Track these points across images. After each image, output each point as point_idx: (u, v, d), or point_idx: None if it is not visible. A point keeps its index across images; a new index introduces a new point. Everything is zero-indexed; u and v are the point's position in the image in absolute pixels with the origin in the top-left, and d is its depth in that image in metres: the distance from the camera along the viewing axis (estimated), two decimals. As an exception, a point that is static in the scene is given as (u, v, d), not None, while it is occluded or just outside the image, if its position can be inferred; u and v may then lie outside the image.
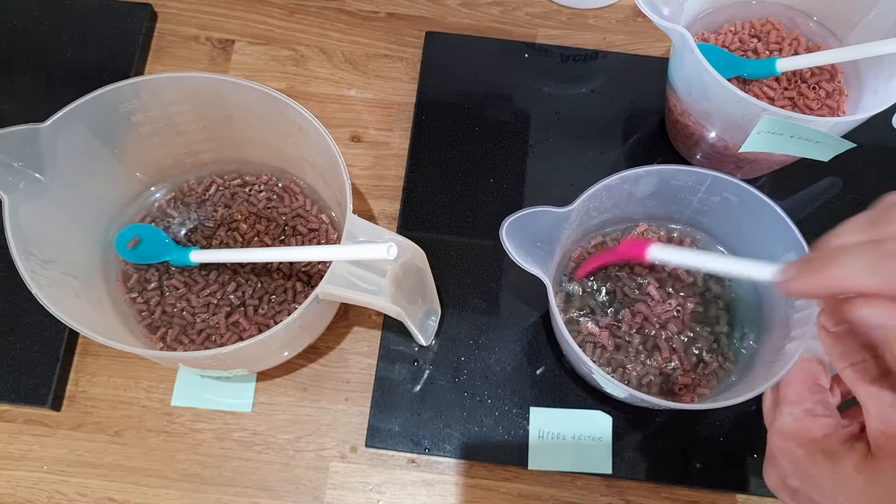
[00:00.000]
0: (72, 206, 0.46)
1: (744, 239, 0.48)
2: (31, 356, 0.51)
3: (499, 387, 0.51)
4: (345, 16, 0.63)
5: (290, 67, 0.61)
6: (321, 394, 0.52)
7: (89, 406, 0.51)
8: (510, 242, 0.41)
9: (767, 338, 0.46)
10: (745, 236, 0.48)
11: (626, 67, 0.61)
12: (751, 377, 0.44)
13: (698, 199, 0.47)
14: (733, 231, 0.49)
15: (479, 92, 0.60)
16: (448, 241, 0.55)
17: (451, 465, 0.50)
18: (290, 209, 0.53)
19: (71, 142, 0.44)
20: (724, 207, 0.47)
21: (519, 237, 0.42)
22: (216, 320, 0.50)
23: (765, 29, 0.57)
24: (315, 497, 0.50)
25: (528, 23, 0.63)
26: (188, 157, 0.53)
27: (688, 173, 0.45)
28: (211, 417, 0.51)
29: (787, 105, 0.54)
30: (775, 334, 0.45)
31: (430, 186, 0.56)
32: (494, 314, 0.53)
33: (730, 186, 0.45)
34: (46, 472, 0.50)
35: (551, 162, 0.57)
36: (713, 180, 0.45)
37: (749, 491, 0.49)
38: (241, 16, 0.63)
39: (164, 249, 0.51)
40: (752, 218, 0.45)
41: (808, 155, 0.47)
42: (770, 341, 0.46)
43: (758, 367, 0.45)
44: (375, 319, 0.54)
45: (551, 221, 0.43)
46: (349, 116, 0.60)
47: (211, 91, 0.46)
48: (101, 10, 0.61)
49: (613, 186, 0.45)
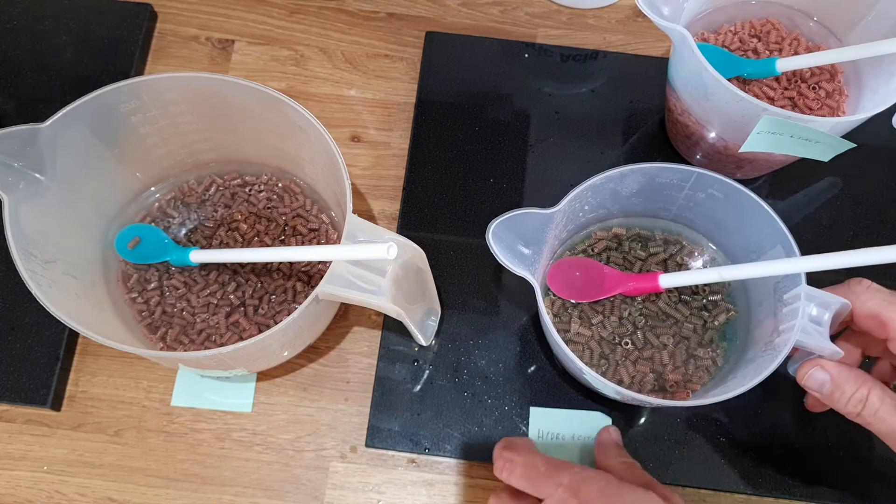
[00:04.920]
0: (72, 206, 0.46)
1: (731, 234, 0.49)
2: (31, 356, 0.51)
3: (499, 387, 0.51)
4: (345, 16, 0.63)
5: (290, 67, 0.61)
6: (321, 394, 0.52)
7: (89, 406, 0.51)
8: (497, 245, 0.42)
9: (758, 332, 0.47)
10: (732, 232, 0.48)
11: (626, 67, 0.61)
12: (742, 372, 0.45)
13: (684, 195, 0.48)
14: (720, 227, 0.49)
15: (479, 92, 0.60)
16: (448, 241, 0.55)
17: (451, 465, 0.50)
18: (290, 209, 0.53)
19: (71, 142, 0.44)
20: (711, 204, 0.47)
21: (506, 239, 0.42)
22: (216, 320, 0.50)
23: (765, 29, 0.56)
24: (315, 497, 0.50)
25: (528, 23, 0.63)
26: (188, 157, 0.53)
27: (672, 170, 0.45)
28: (211, 417, 0.51)
29: (787, 105, 0.54)
30: (764, 328, 0.45)
31: (429, 186, 0.56)
32: (494, 314, 0.53)
33: (715, 183, 0.45)
34: (46, 472, 0.50)
35: (551, 162, 0.57)
36: (698, 177, 0.45)
37: (749, 490, 0.49)
38: (241, 16, 0.63)
39: (164, 249, 0.51)
40: (739, 214, 0.45)
41: (808, 155, 0.47)
42: (760, 335, 0.46)
43: (748, 362, 0.45)
44: (375, 319, 0.54)
45: (537, 223, 0.43)
46: (349, 116, 0.60)
47: (211, 91, 0.46)
48: (101, 10, 0.61)
49: (598, 186, 0.45)
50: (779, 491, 0.49)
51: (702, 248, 0.51)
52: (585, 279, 0.49)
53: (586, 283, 0.49)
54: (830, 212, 0.56)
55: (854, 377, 0.39)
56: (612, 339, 0.49)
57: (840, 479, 0.49)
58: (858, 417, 0.39)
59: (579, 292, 0.49)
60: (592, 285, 0.48)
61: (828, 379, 0.39)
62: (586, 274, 0.49)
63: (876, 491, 0.49)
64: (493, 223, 0.42)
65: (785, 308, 0.42)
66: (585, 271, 0.49)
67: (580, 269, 0.49)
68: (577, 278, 0.49)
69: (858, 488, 0.49)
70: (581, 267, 0.49)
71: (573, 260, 0.50)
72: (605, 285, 0.48)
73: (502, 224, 0.42)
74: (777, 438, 0.50)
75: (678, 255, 0.51)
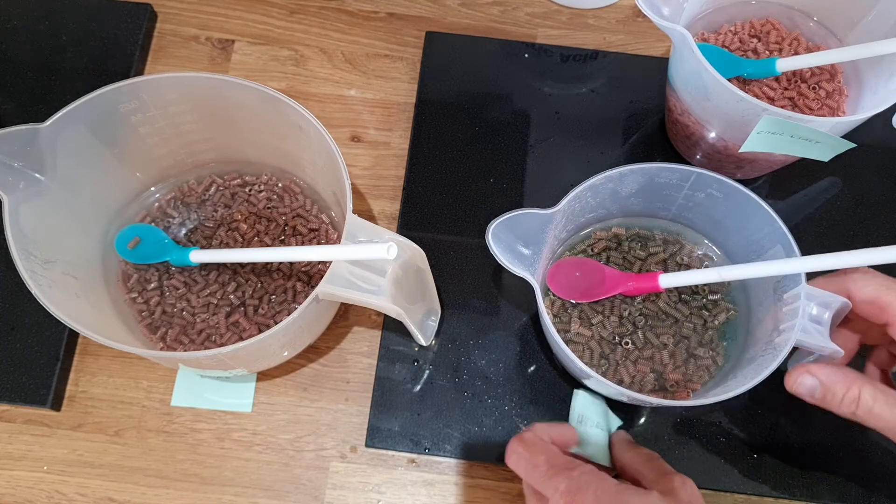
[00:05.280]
0: (72, 206, 0.46)
1: (730, 234, 0.49)
2: (31, 356, 0.51)
3: (499, 387, 0.51)
4: (345, 16, 0.63)
5: (290, 67, 0.61)
6: (321, 394, 0.52)
7: (89, 406, 0.51)
8: (496, 245, 0.42)
9: (758, 331, 0.47)
10: (731, 231, 0.48)
11: (626, 67, 0.61)
12: (743, 371, 0.45)
13: (683, 195, 0.48)
14: (720, 226, 0.49)
15: (479, 92, 0.60)
16: (448, 241, 0.55)
17: (451, 465, 0.50)
18: (290, 209, 0.53)
19: (71, 142, 0.44)
20: (710, 203, 0.47)
21: (506, 240, 0.42)
22: (216, 320, 0.50)
23: (765, 29, 0.56)
24: (315, 497, 0.50)
25: (528, 23, 0.63)
26: (188, 157, 0.53)
27: (671, 170, 0.45)
28: (211, 417, 0.51)
29: (787, 105, 0.54)
30: (765, 327, 0.45)
31: (430, 186, 0.56)
32: (494, 314, 0.53)
33: (714, 182, 0.45)
34: (46, 472, 0.50)
35: (551, 162, 0.57)
36: (697, 176, 0.45)
37: (749, 490, 0.49)
38: (241, 16, 0.63)
39: (164, 249, 0.51)
40: (738, 213, 0.45)
41: (808, 155, 0.47)
42: (760, 335, 0.46)
43: (749, 361, 0.45)
44: (375, 319, 0.54)
45: (537, 223, 0.43)
46: (349, 116, 0.60)
47: (211, 91, 0.46)
48: (101, 10, 0.61)
49: (598, 186, 0.45)
50: (779, 491, 0.49)
51: (701, 247, 0.51)
52: (585, 279, 0.49)
53: (586, 284, 0.49)
54: (830, 212, 0.56)
55: (843, 378, 0.38)
56: (613, 339, 0.49)
57: (840, 478, 0.49)
58: (854, 416, 0.39)
59: (579, 292, 0.49)
60: (592, 285, 0.48)
61: (817, 384, 0.39)
62: (586, 274, 0.49)
63: (876, 490, 0.49)
64: (492, 224, 0.42)
65: (785, 307, 0.42)
66: (585, 271, 0.49)
67: (580, 269, 0.49)
68: (577, 278, 0.49)
69: (858, 488, 0.49)
70: (581, 267, 0.49)
71: (573, 260, 0.50)
72: (605, 285, 0.48)
73: (502, 224, 0.42)
74: (777, 438, 0.50)
75: (678, 255, 0.51)
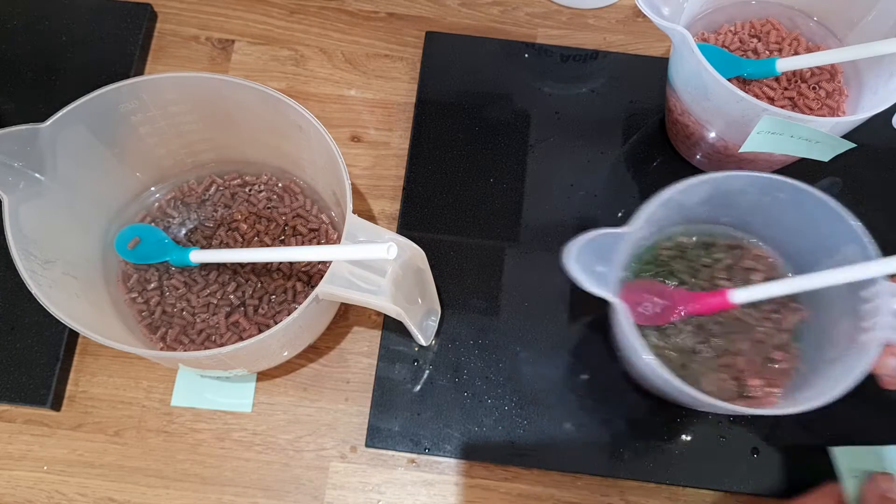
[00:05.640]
0: (72, 206, 0.46)
1: (793, 235, 0.47)
2: (31, 356, 0.51)
3: (499, 387, 0.51)
4: (345, 16, 0.63)
5: (290, 67, 0.61)
6: (321, 394, 0.52)
7: (89, 406, 0.51)
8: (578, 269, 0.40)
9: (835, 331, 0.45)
10: (795, 232, 0.47)
11: (626, 67, 0.61)
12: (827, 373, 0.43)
13: (747, 200, 0.46)
14: (784, 228, 0.48)
15: (479, 92, 0.60)
16: (448, 241, 0.55)
17: (451, 465, 0.50)
18: (290, 209, 0.53)
19: (71, 142, 0.44)
20: (775, 206, 0.45)
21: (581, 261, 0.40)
22: (216, 320, 0.50)
23: (765, 29, 0.56)
24: (315, 497, 0.50)
25: (528, 23, 0.63)
26: (188, 157, 0.53)
27: (740, 178, 0.43)
28: (211, 417, 0.51)
29: (787, 105, 0.54)
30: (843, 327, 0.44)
31: (430, 186, 0.56)
32: (494, 314, 0.53)
33: (783, 186, 0.43)
34: (46, 472, 0.50)
35: (551, 162, 0.57)
36: (766, 181, 0.43)
37: (749, 490, 0.49)
38: (241, 16, 0.63)
39: (164, 249, 0.51)
40: (804, 214, 0.44)
41: (808, 155, 0.47)
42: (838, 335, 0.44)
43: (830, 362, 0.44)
44: (375, 319, 0.54)
45: (611, 242, 0.42)
46: (349, 116, 0.60)
47: (211, 91, 0.46)
48: (101, 10, 0.61)
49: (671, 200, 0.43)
50: (779, 491, 0.49)
51: (765, 250, 0.50)
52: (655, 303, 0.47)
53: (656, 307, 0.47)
54: (831, 212, 0.56)
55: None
56: (691, 349, 0.47)
57: (840, 479, 0.49)
58: None
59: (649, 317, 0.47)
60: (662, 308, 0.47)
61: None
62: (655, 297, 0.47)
63: (876, 491, 0.49)
64: (571, 246, 0.40)
65: (865, 305, 0.41)
66: (654, 295, 0.48)
67: (649, 292, 0.48)
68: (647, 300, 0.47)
69: (858, 488, 0.49)
70: (650, 290, 0.48)
71: (641, 283, 0.48)
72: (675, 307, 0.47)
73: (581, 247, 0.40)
74: (777, 438, 0.50)
75: (742, 260, 0.49)
